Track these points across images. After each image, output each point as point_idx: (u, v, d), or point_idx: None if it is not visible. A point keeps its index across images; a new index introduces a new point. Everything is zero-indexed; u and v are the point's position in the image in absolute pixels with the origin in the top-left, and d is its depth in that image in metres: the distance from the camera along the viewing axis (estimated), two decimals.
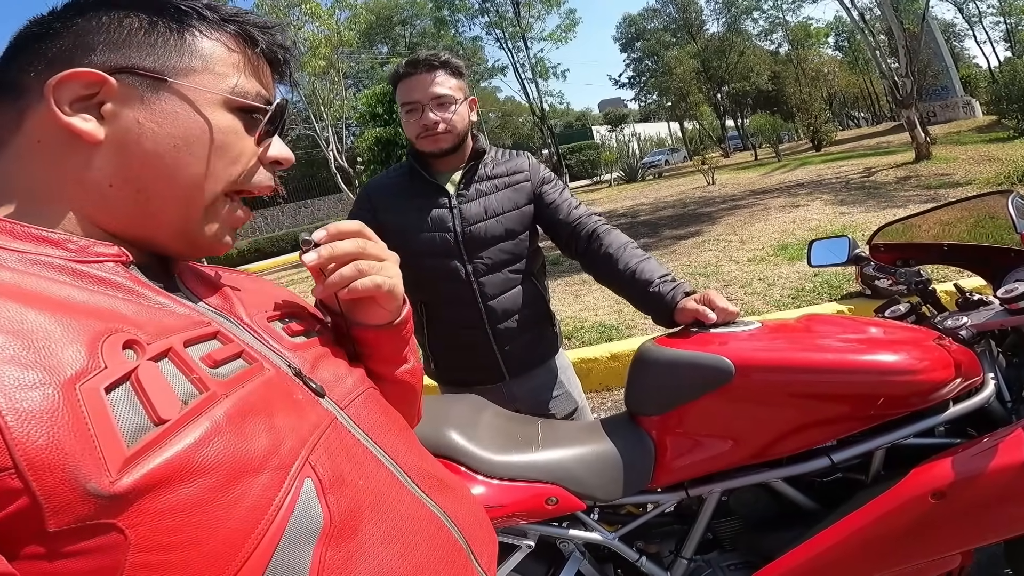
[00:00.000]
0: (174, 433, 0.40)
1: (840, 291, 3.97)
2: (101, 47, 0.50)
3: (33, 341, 0.38)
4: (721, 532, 1.22)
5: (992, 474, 1.02)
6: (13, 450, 0.33)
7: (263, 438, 0.44)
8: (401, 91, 1.46)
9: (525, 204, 1.50)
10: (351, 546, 0.46)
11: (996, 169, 8.13)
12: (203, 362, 0.45)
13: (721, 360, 1.08)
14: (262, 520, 0.42)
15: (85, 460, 0.35)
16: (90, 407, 0.37)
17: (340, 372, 0.60)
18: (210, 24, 0.53)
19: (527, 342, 1.52)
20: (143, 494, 0.37)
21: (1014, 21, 34.45)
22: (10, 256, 0.44)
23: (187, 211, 0.53)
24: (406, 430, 0.65)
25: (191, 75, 0.52)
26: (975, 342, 1.16)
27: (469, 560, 0.58)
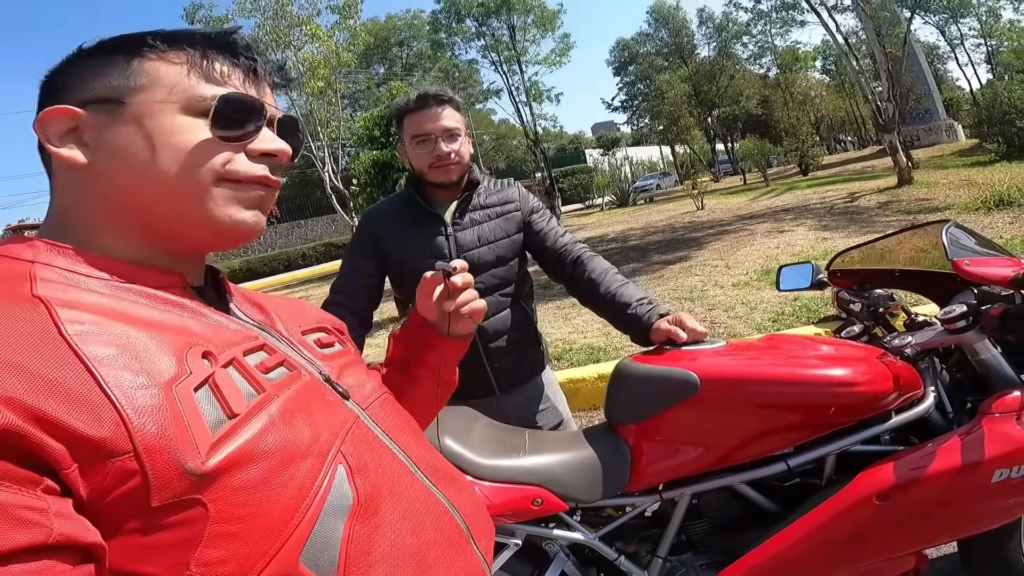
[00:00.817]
0: (244, 424, 0.49)
1: (818, 314, 4.11)
2: (72, 88, 0.57)
3: (137, 353, 0.47)
4: (693, 533, 1.32)
5: (930, 477, 1.13)
6: (133, 437, 0.42)
7: (306, 430, 0.53)
8: (411, 124, 1.55)
9: (515, 232, 1.61)
10: (373, 522, 0.54)
11: (975, 194, 8.34)
12: (258, 368, 0.55)
13: (688, 374, 1.19)
14: (307, 497, 0.50)
15: (184, 445, 0.44)
16: (184, 404, 0.46)
17: (361, 379, 0.71)
18: (155, 48, 0.58)
19: (516, 360, 1.61)
20: (223, 473, 0.45)
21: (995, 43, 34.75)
22: (98, 283, 0.52)
23: (191, 205, 0.57)
24: (416, 430, 0.74)
25: (140, 92, 0.57)
26: (919, 359, 1.27)
27: (469, 543, 0.65)
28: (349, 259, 1.62)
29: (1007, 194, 7.41)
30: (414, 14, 36.33)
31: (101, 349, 0.45)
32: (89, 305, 0.48)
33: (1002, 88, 15.41)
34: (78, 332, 0.45)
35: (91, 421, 0.41)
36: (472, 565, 0.64)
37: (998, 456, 1.13)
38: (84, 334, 0.45)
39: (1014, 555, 1.35)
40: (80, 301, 0.48)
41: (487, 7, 23.12)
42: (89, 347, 0.44)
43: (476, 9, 23.09)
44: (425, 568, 0.57)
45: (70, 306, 0.47)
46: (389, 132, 6.65)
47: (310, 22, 12.12)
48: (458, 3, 23.24)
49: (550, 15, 24.39)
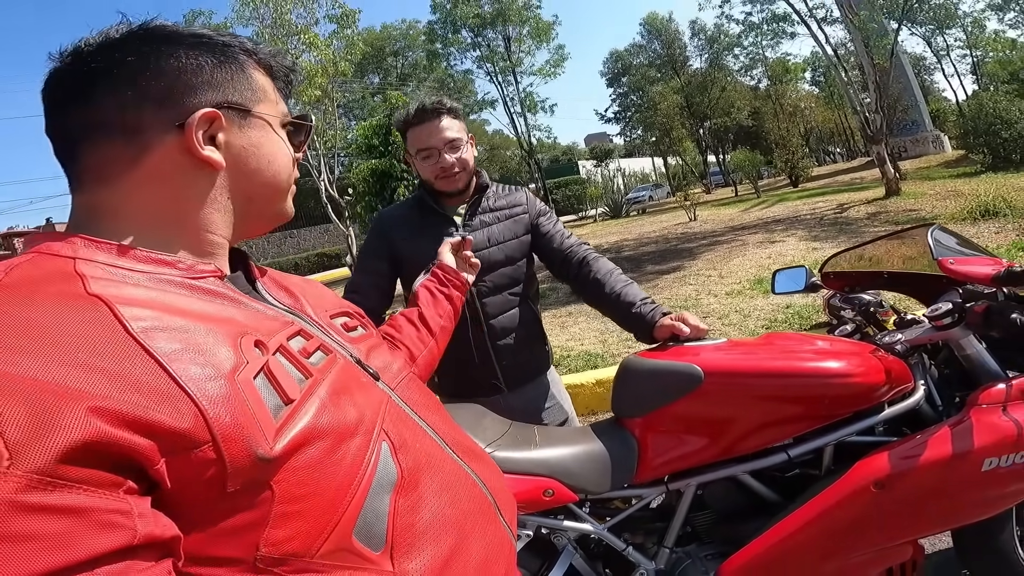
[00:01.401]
0: (300, 409, 0.50)
1: (810, 321, 4.21)
2: (203, 87, 0.58)
3: (199, 346, 0.48)
4: (698, 523, 1.36)
5: (924, 466, 1.18)
6: (211, 426, 0.43)
7: (352, 410, 0.55)
8: (414, 138, 1.61)
9: (524, 234, 1.66)
10: (415, 495, 0.57)
11: (961, 204, 8.49)
12: (301, 354, 0.56)
13: (692, 368, 1.25)
14: (357, 474, 0.52)
15: (254, 432, 0.45)
16: (247, 392, 0.47)
17: (387, 360, 0.74)
18: (250, 56, 0.64)
19: (523, 358, 1.66)
20: (288, 456, 0.47)
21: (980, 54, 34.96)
22: (141, 276, 0.52)
23: (280, 203, 0.69)
24: (441, 408, 0.77)
25: (260, 104, 0.64)
26: (909, 355, 1.34)
27: (496, 514, 0.68)
28: (362, 260, 1.67)
29: (992, 204, 7.54)
30: (410, 24, 36.59)
31: (167, 344, 0.45)
32: (144, 300, 0.49)
33: (987, 99, 15.50)
34: (142, 328, 0.45)
35: (174, 414, 0.42)
36: (501, 534, 0.67)
37: (987, 445, 1.18)
38: (148, 330, 0.46)
39: (1007, 546, 1.39)
40: (134, 296, 0.49)
41: (483, 18, 23.36)
42: (156, 343, 0.45)
43: (472, 20, 23.30)
44: (463, 537, 0.60)
45: (127, 302, 0.47)
46: (388, 141, 6.71)
47: (308, 31, 12.19)
48: (454, 14, 23.44)
49: (545, 27, 24.67)
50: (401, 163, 6.66)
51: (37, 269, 0.48)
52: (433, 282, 1.18)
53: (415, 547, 0.55)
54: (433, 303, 1.14)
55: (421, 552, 0.55)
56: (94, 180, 0.56)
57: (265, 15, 12.09)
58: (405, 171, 6.68)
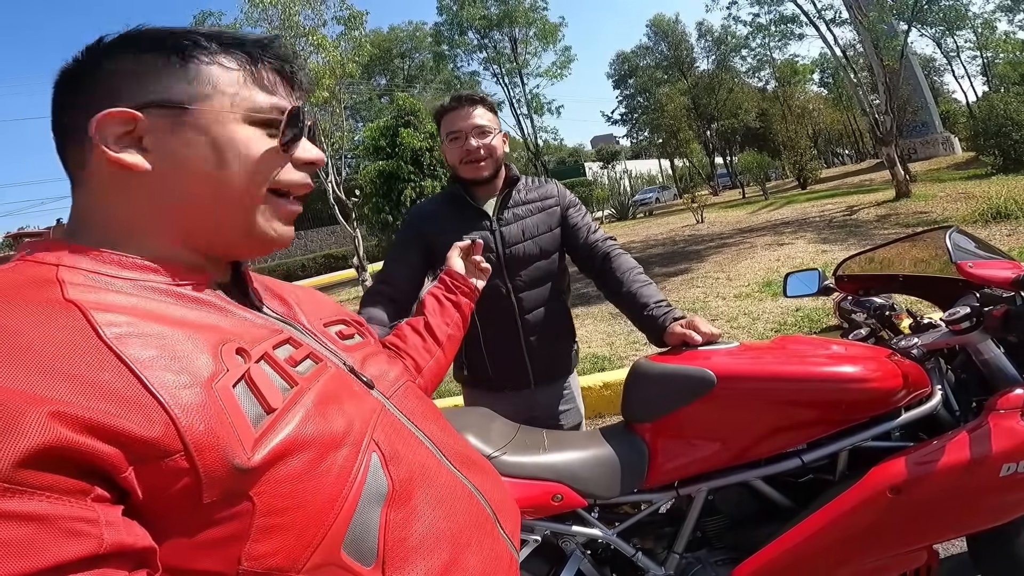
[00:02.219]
0: (282, 418, 0.49)
1: (820, 325, 4.18)
2: (127, 88, 0.55)
3: (175, 353, 0.47)
4: (709, 529, 1.35)
5: (941, 471, 1.17)
6: (183, 435, 0.42)
7: (340, 420, 0.54)
8: (446, 123, 1.63)
9: (556, 226, 1.67)
10: (408, 508, 0.56)
11: (972, 206, 8.41)
12: (287, 363, 0.55)
13: (705, 372, 1.23)
14: (344, 486, 0.51)
15: (231, 442, 0.44)
16: (225, 401, 0.46)
17: (383, 368, 0.72)
18: (209, 51, 0.58)
19: (554, 354, 1.68)
20: (268, 467, 0.46)
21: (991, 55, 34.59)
22: (124, 284, 0.52)
23: (244, 215, 0.59)
24: (440, 417, 0.75)
25: (205, 100, 0.56)
26: (925, 359, 1.32)
27: (496, 527, 0.67)
28: (396, 251, 1.67)
29: (1004, 207, 7.46)
30: (416, 26, 36.63)
31: (141, 351, 0.45)
32: (121, 306, 0.48)
33: (998, 100, 15.38)
34: (116, 335, 0.45)
35: (143, 422, 0.41)
36: (499, 547, 0.66)
37: (1005, 450, 1.16)
38: (122, 336, 0.45)
39: (1022, 552, 1.37)
40: (112, 303, 0.48)
41: (489, 20, 23.43)
42: (129, 349, 0.44)
43: (478, 22, 23.37)
44: (459, 550, 0.59)
45: (104, 308, 0.47)
46: (395, 143, 6.74)
47: (316, 33, 12.22)
48: (460, 16, 23.51)
49: (551, 28, 24.71)
50: (408, 165, 6.67)
51: (18, 275, 0.49)
52: (440, 289, 1.17)
53: (408, 561, 0.54)
54: (440, 311, 1.12)
55: (414, 566, 0.54)
56: (73, 182, 0.58)
57: (273, 16, 12.13)
58: (412, 173, 6.70)
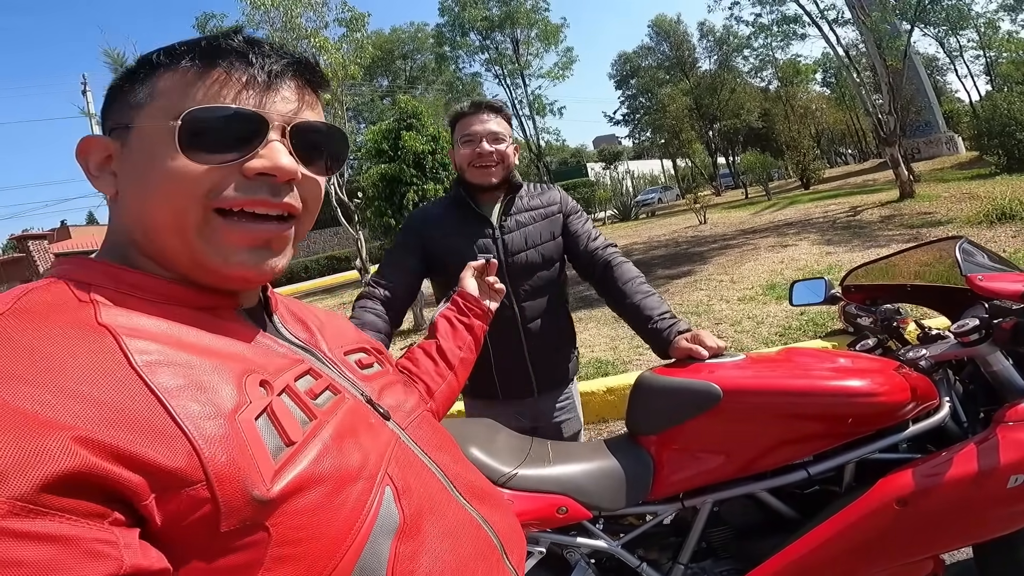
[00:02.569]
0: (301, 451, 0.49)
1: (825, 328, 4.16)
2: (107, 116, 0.57)
3: (201, 383, 0.47)
4: (714, 540, 1.34)
5: (949, 483, 1.16)
6: (206, 466, 0.43)
7: (356, 454, 0.54)
8: (461, 126, 1.62)
9: (559, 234, 1.66)
10: (416, 541, 0.56)
11: (976, 207, 8.38)
12: (307, 395, 0.56)
13: (710, 386, 1.23)
14: (358, 519, 0.51)
15: (250, 473, 0.45)
16: (247, 433, 0.47)
17: (400, 398, 0.72)
18: (159, 63, 0.55)
19: (556, 363, 1.67)
20: (286, 499, 0.46)
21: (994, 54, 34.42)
22: (155, 307, 0.52)
23: (184, 237, 0.54)
24: (453, 446, 0.76)
25: (142, 114, 0.54)
26: (933, 371, 1.31)
27: (502, 559, 0.66)
28: (393, 255, 1.65)
29: (1009, 207, 7.45)
30: (418, 27, 36.61)
31: (169, 380, 0.45)
32: (151, 333, 0.49)
33: (1001, 100, 15.31)
34: (146, 362, 0.45)
35: (167, 452, 0.41)
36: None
37: (1013, 462, 1.16)
38: (152, 364, 0.46)
39: None
40: (144, 328, 0.49)
41: (491, 21, 23.44)
42: (158, 378, 0.45)
43: (480, 23, 23.39)
44: None
45: (135, 335, 0.47)
46: (397, 146, 6.73)
47: (318, 35, 12.22)
48: (462, 17, 23.53)
49: (553, 29, 24.70)
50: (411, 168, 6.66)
51: (51, 295, 0.49)
52: (453, 311, 1.15)
53: None
54: (452, 334, 1.11)
55: None
56: None
57: (275, 19, 12.15)
58: (415, 176, 6.69)
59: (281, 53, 0.59)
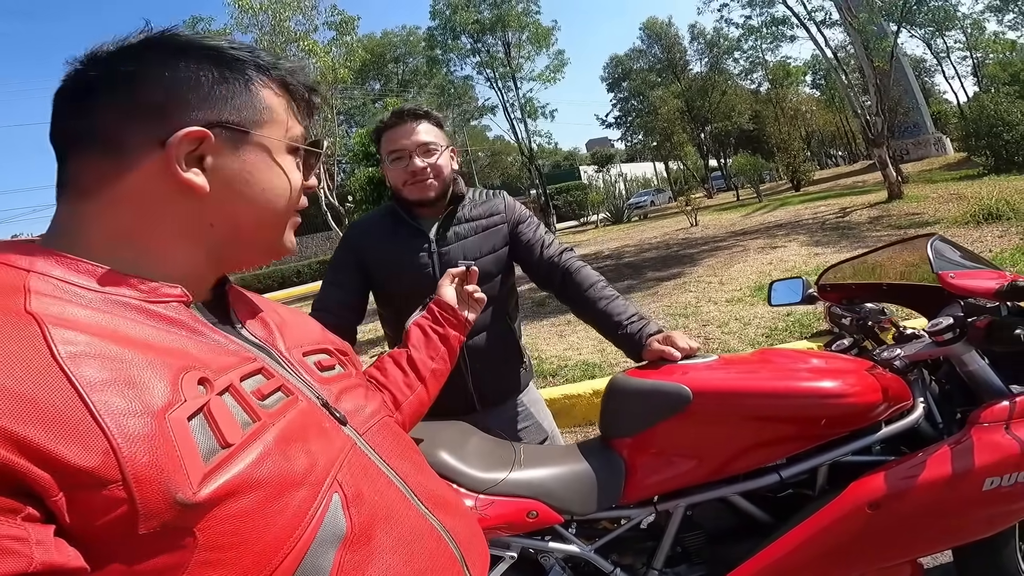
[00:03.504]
0: (237, 454, 0.47)
1: (810, 329, 4.14)
2: (195, 103, 0.55)
3: (131, 378, 0.45)
4: (688, 545, 1.32)
5: (922, 486, 1.15)
6: (123, 466, 0.41)
7: (302, 459, 0.52)
8: (387, 140, 1.51)
9: (502, 246, 1.57)
10: (365, 551, 0.53)
11: (963, 208, 8.42)
12: (254, 395, 0.53)
13: (680, 388, 1.21)
14: (299, 527, 0.49)
15: (175, 475, 0.43)
16: (177, 433, 0.44)
17: (360, 403, 0.70)
18: (263, 73, 0.61)
19: (499, 377, 1.59)
20: (215, 504, 0.44)
21: (980, 55, 34.92)
22: (94, 296, 0.50)
23: (274, 234, 0.65)
24: (415, 453, 0.73)
25: (263, 126, 0.60)
26: (908, 371, 1.30)
27: (463, 570, 0.64)
28: (330, 274, 1.58)
29: (996, 208, 7.49)
30: (410, 30, 36.59)
31: (93, 372, 0.43)
32: (84, 324, 0.47)
33: (989, 101, 15.49)
34: (70, 353, 0.43)
35: (79, 450, 0.39)
36: None
37: (988, 464, 1.15)
38: (76, 356, 0.43)
39: (1009, 563, 1.36)
40: (75, 319, 0.46)
41: (482, 24, 23.42)
42: (81, 370, 0.43)
43: (471, 26, 23.36)
44: None
45: (64, 325, 0.45)
46: None
47: (307, 38, 12.23)
48: (454, 20, 23.51)
49: (544, 32, 24.69)
50: None
51: None
52: (427, 320, 1.10)
53: None
54: (425, 344, 1.06)
55: None
56: (75, 189, 0.55)
57: (264, 22, 12.13)
58: None
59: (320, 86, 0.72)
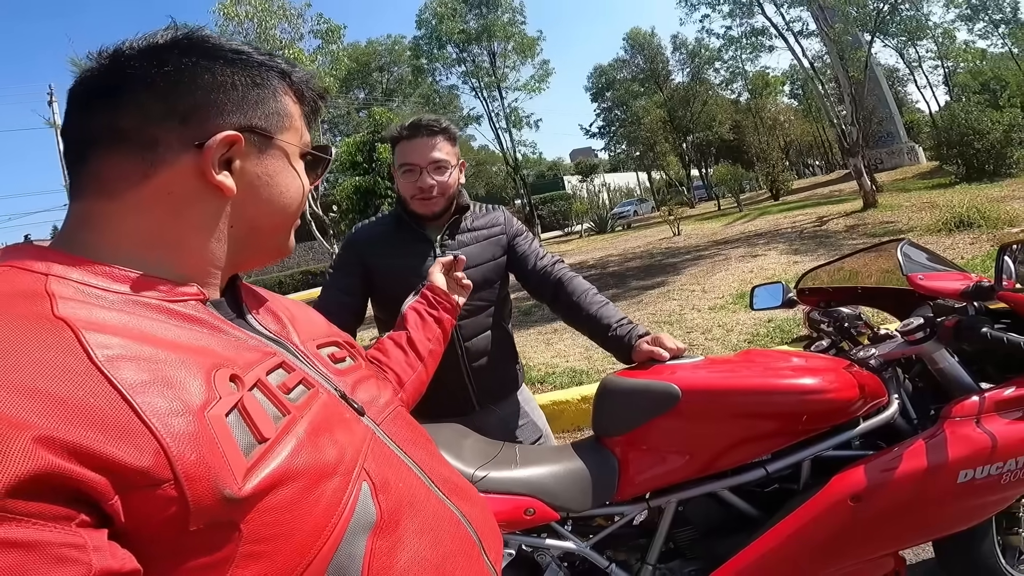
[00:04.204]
0: (274, 448, 0.48)
1: (791, 335, 4.25)
2: (231, 107, 0.57)
3: (168, 378, 0.45)
4: (680, 540, 1.37)
5: (900, 478, 1.20)
6: (174, 465, 0.41)
7: (332, 449, 0.53)
8: (401, 152, 1.55)
9: (500, 255, 1.65)
10: (394, 537, 0.55)
11: (936, 216, 8.66)
12: (280, 389, 0.54)
13: (669, 386, 1.26)
14: (334, 515, 0.50)
15: (221, 471, 0.43)
16: (217, 429, 0.45)
17: (374, 393, 0.71)
18: (284, 80, 0.63)
19: (497, 378, 1.65)
20: (258, 497, 0.45)
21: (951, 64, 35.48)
22: (116, 298, 0.50)
23: (285, 236, 0.67)
24: (428, 442, 0.74)
25: (284, 132, 0.62)
26: (883, 369, 1.36)
27: (481, 554, 0.66)
28: (332, 279, 1.62)
29: (967, 215, 7.71)
30: (395, 39, 36.46)
31: (132, 374, 0.43)
32: (113, 326, 0.46)
33: (960, 110, 15.78)
34: (108, 357, 0.43)
35: (132, 451, 0.40)
36: (484, 574, 0.65)
37: (961, 457, 1.20)
38: (114, 359, 0.43)
39: (988, 555, 1.41)
40: (104, 321, 0.46)
41: (468, 34, 23.51)
42: (121, 373, 0.43)
43: (457, 36, 23.43)
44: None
45: (96, 328, 0.45)
46: (371, 158, 6.72)
47: (292, 46, 12.16)
48: (439, 29, 23.55)
49: (530, 42, 24.85)
50: (385, 180, 6.66)
51: (6, 284, 0.47)
52: (423, 304, 1.16)
53: None
54: (422, 326, 1.12)
55: None
56: (96, 188, 0.54)
57: (249, 30, 12.07)
58: (389, 188, 6.68)
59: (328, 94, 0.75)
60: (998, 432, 1.23)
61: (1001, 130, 14.38)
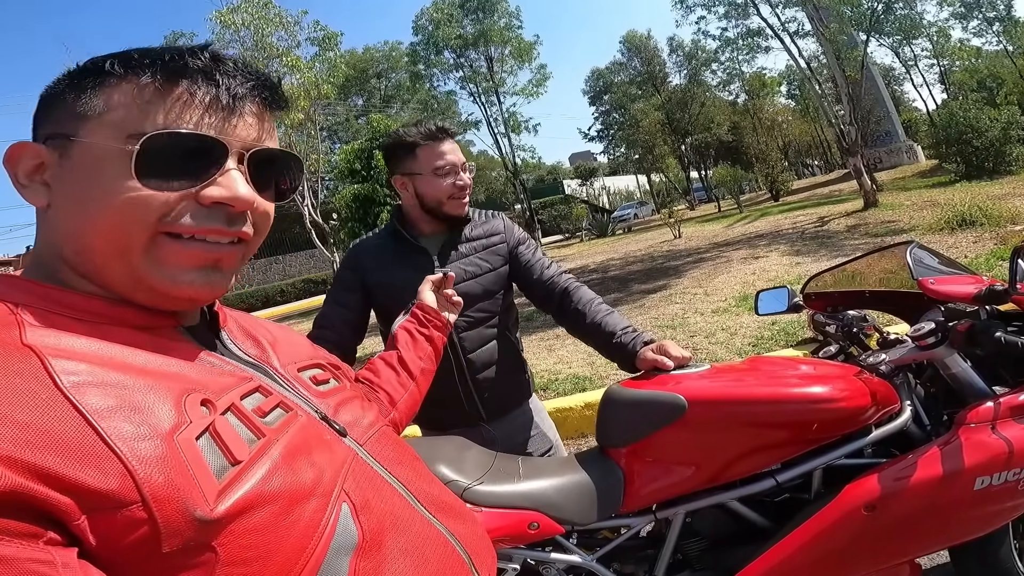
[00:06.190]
0: (247, 470, 0.48)
1: (796, 338, 4.23)
2: (41, 120, 0.55)
3: (135, 403, 0.46)
4: (689, 551, 1.34)
5: (915, 487, 1.18)
6: (141, 487, 0.42)
7: (309, 471, 0.53)
8: (431, 154, 1.53)
9: (501, 265, 1.62)
10: (378, 557, 0.55)
11: (938, 214, 8.64)
12: (255, 413, 0.54)
13: (675, 397, 1.23)
14: (313, 537, 0.50)
15: (192, 493, 0.44)
16: (187, 453, 0.45)
17: (357, 414, 0.71)
18: (111, 72, 0.52)
19: (503, 389, 1.63)
20: (232, 519, 0.45)
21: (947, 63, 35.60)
22: (87, 326, 0.51)
23: (128, 259, 0.52)
24: (416, 460, 0.74)
25: (89, 127, 0.51)
26: (894, 375, 1.33)
27: (471, 572, 0.65)
28: (333, 293, 1.61)
29: (969, 214, 7.70)
30: (392, 46, 36.60)
31: (99, 400, 0.44)
32: (81, 353, 0.47)
33: (957, 108, 15.87)
34: (73, 383, 0.44)
35: (96, 474, 0.40)
36: None
37: (978, 464, 1.18)
38: (80, 385, 0.44)
39: (1006, 560, 1.38)
40: (72, 349, 0.47)
41: (465, 39, 23.62)
42: (86, 399, 0.43)
43: (454, 41, 23.55)
44: None
45: (63, 355, 0.46)
46: (370, 166, 6.71)
47: (289, 54, 12.18)
48: (436, 35, 23.67)
49: (527, 46, 24.96)
50: (384, 188, 6.64)
51: None
52: (413, 323, 1.16)
53: None
54: (413, 345, 1.12)
55: None
56: None
57: (246, 38, 12.08)
58: (388, 196, 6.65)
59: (247, 73, 0.57)
60: (1014, 438, 1.21)
61: (999, 127, 14.44)
